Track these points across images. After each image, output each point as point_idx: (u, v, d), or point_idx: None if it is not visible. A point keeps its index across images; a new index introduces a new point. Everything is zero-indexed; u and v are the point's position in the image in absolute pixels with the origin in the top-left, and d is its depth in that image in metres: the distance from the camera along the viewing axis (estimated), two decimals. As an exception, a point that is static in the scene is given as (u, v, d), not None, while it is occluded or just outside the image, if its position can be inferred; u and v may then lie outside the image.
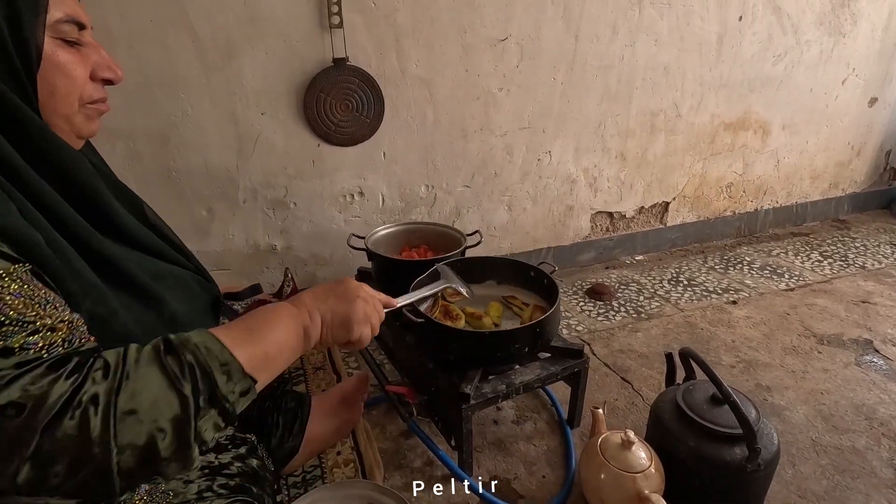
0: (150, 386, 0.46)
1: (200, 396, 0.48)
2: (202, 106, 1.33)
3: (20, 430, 0.41)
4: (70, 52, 0.56)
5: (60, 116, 0.58)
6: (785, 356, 1.43)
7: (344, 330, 0.65)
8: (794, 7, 1.93)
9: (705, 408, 0.92)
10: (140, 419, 0.44)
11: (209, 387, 0.49)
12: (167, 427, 0.46)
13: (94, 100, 0.60)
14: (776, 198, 2.33)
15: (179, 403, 0.46)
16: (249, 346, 0.53)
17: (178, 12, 1.23)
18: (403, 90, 1.50)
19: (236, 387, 0.51)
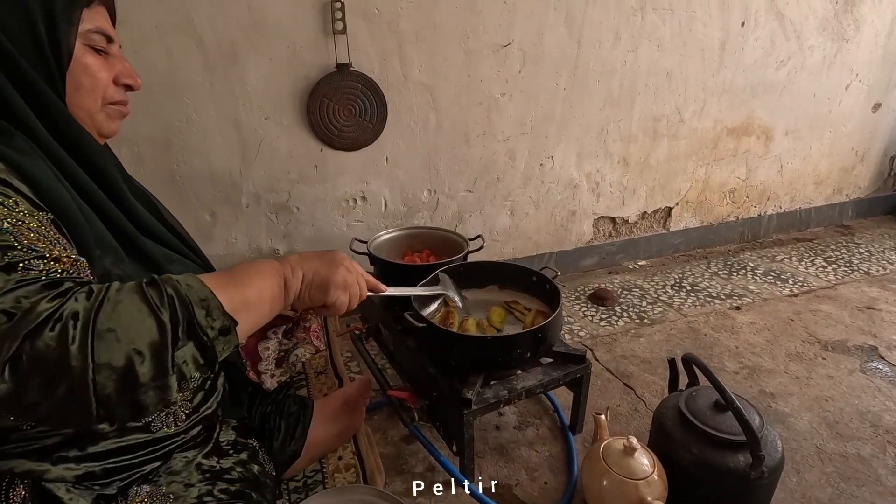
0: (129, 309, 0.47)
1: (179, 326, 0.49)
2: (206, 111, 1.34)
3: (3, 336, 0.42)
4: (97, 58, 0.65)
5: (84, 110, 0.65)
6: (789, 362, 1.42)
7: (321, 291, 0.67)
8: (797, 13, 1.93)
9: (708, 414, 0.92)
10: (118, 338, 0.45)
11: (187, 318, 0.50)
12: (145, 351, 0.46)
13: (115, 101, 0.68)
14: (780, 203, 2.32)
15: (158, 329, 0.47)
16: (230, 289, 0.55)
17: (183, 19, 1.24)
18: (406, 95, 1.51)
19: (215, 322, 0.52)
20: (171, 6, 1.23)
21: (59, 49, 0.60)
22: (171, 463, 0.70)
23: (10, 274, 0.46)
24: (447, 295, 1.06)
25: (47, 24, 0.58)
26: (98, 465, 0.63)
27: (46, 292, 0.46)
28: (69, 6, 0.61)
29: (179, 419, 0.71)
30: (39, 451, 0.59)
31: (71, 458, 0.61)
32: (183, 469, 0.71)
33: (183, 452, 0.72)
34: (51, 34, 0.59)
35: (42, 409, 0.44)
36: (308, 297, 0.66)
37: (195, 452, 0.74)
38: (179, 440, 0.72)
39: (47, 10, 0.58)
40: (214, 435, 0.79)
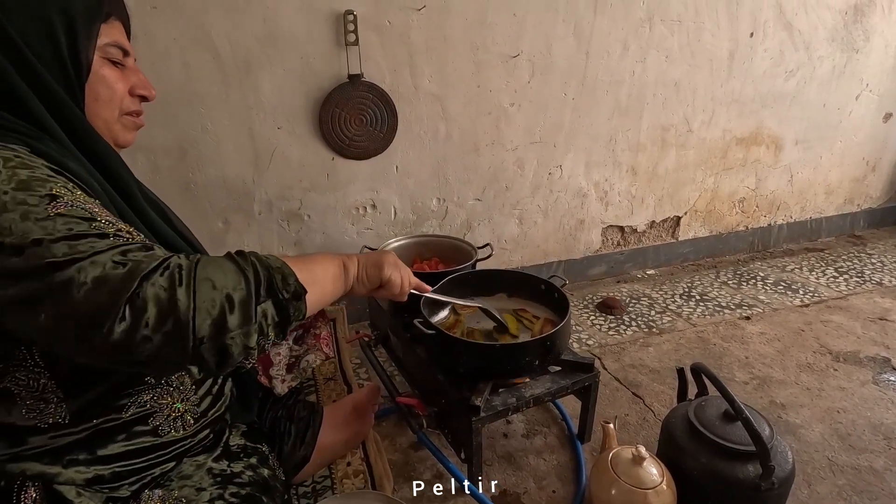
0: (222, 266, 0.55)
1: (260, 285, 0.56)
2: (221, 121, 1.37)
3: (123, 279, 0.49)
4: (113, 70, 0.68)
5: (102, 121, 0.68)
6: (800, 373, 1.41)
7: (377, 269, 0.78)
8: (806, 24, 1.94)
9: (718, 424, 0.91)
10: (214, 286, 0.53)
11: (267, 279, 0.57)
12: (235, 302, 0.54)
13: (130, 111, 0.71)
14: (790, 213, 2.31)
15: (244, 283, 0.55)
16: (299, 264, 0.63)
17: (200, 32, 1.28)
18: (416, 105, 1.53)
19: (290, 287, 0.59)
20: (189, 20, 1.26)
21: (79, 62, 0.63)
22: (183, 467, 0.71)
23: (104, 239, 0.52)
24: (487, 310, 1.08)
25: (68, 39, 0.61)
26: (107, 468, 0.64)
27: (147, 250, 0.53)
28: (88, 21, 0.63)
29: (187, 423, 0.72)
30: (51, 452, 0.61)
31: (81, 461, 0.63)
32: (194, 473, 0.72)
33: (193, 457, 0.73)
34: (71, 48, 0.62)
35: (150, 345, 0.49)
36: (366, 276, 0.76)
37: (206, 457, 0.74)
38: (187, 444, 0.73)
39: (68, 25, 0.61)
40: (223, 439, 0.80)
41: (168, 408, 0.69)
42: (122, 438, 0.65)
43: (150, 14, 1.22)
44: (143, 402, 0.67)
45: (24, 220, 0.49)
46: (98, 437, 0.63)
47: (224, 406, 0.79)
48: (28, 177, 0.52)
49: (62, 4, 0.60)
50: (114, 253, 0.50)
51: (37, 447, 0.60)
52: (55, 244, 0.49)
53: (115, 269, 0.49)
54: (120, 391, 0.64)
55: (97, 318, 0.48)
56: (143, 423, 0.67)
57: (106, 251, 0.50)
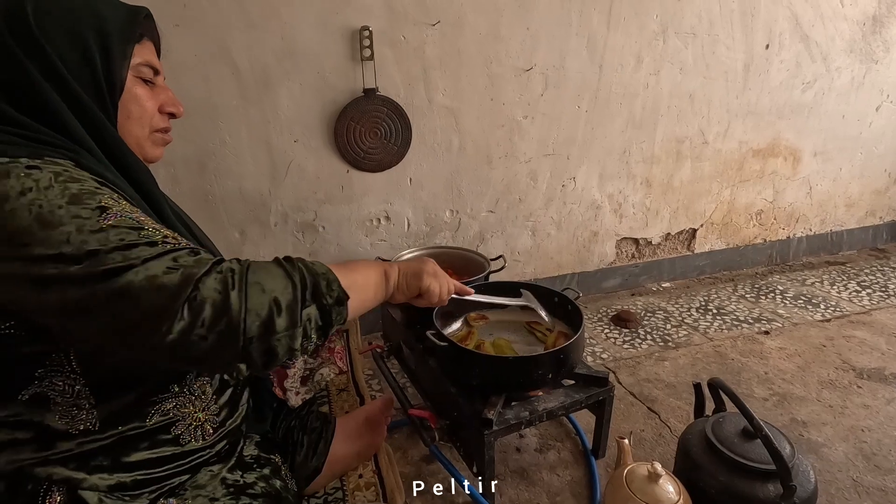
0: (270, 271, 0.58)
1: (306, 290, 0.59)
2: (239, 135, 1.40)
3: (179, 283, 0.52)
4: (144, 88, 0.71)
5: (133, 137, 0.71)
6: (822, 390, 1.37)
7: (416, 279, 0.80)
8: (823, 35, 1.92)
9: (736, 441, 0.89)
10: (263, 290, 0.56)
11: (313, 284, 0.60)
12: (283, 305, 0.56)
13: (160, 128, 0.74)
14: (809, 225, 2.27)
15: (291, 288, 0.58)
16: (343, 271, 0.65)
17: (219, 48, 1.31)
18: (430, 118, 1.54)
19: (333, 293, 0.62)
20: (210, 36, 1.30)
21: (113, 81, 0.66)
22: (197, 477, 0.72)
23: (154, 247, 0.54)
24: (531, 307, 1.11)
25: (103, 59, 0.64)
26: (129, 475, 0.65)
27: (194, 254, 0.56)
28: (123, 42, 0.66)
29: (207, 433, 0.73)
30: (78, 458, 0.62)
31: (105, 468, 0.63)
32: (208, 483, 0.72)
33: (208, 467, 0.74)
34: (106, 68, 0.65)
35: (205, 343, 0.52)
36: (406, 285, 0.79)
37: (220, 467, 0.75)
38: (206, 454, 0.73)
39: (104, 46, 0.64)
40: (238, 449, 0.81)
41: (189, 417, 0.70)
42: (145, 446, 0.66)
43: (173, 31, 1.26)
44: (167, 410, 0.68)
45: (79, 232, 0.52)
46: (123, 444, 0.64)
47: (241, 417, 0.80)
48: (79, 190, 0.55)
49: (98, 27, 0.64)
50: (166, 259, 0.54)
51: (64, 452, 0.61)
52: (110, 254, 0.52)
53: (169, 273, 0.52)
54: (148, 398, 0.66)
55: (156, 320, 0.51)
56: (165, 431, 0.68)
57: (157, 257, 0.53)
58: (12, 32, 0.59)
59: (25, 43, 0.59)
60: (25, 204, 0.52)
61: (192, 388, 0.71)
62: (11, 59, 0.59)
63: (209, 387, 0.74)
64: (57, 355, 0.59)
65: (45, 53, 0.60)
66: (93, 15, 0.64)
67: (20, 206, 0.52)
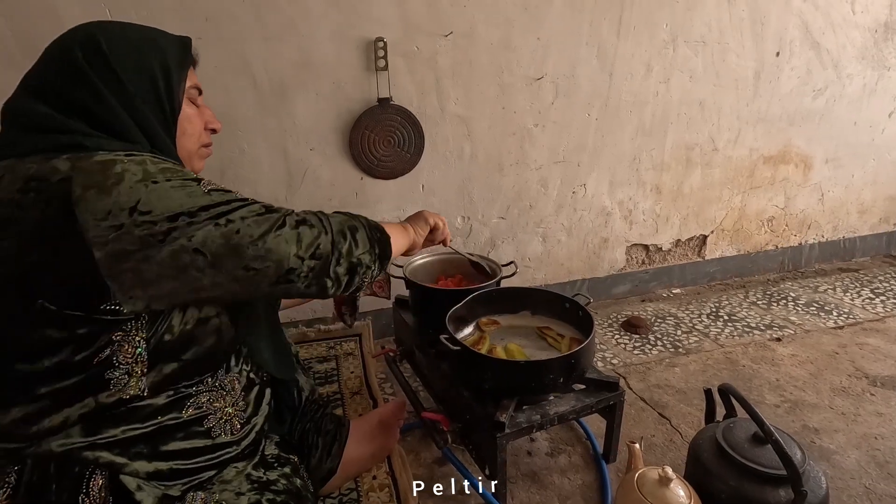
0: (339, 216, 0.77)
1: (367, 227, 0.79)
2: (257, 143, 1.44)
3: (277, 217, 0.68)
4: (193, 108, 0.81)
5: (185, 151, 0.81)
6: (834, 397, 1.37)
7: (423, 222, 1.04)
8: (834, 43, 1.93)
9: (747, 447, 0.90)
10: (342, 223, 0.75)
11: (369, 224, 0.80)
12: (357, 235, 0.76)
13: (205, 143, 0.86)
14: (821, 232, 2.26)
15: (359, 225, 0.78)
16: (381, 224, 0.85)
17: (239, 60, 1.35)
18: (443, 127, 1.57)
19: (382, 235, 0.81)
20: (230, 48, 1.34)
21: (174, 102, 0.75)
22: (223, 473, 0.76)
23: (245, 200, 0.68)
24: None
25: (165, 84, 0.74)
26: (166, 464, 0.70)
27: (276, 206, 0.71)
28: (180, 68, 0.77)
29: (235, 428, 0.78)
30: (121, 444, 0.67)
31: (145, 455, 0.69)
32: (234, 479, 0.76)
33: (234, 463, 0.77)
34: (168, 91, 0.74)
35: (303, 264, 0.68)
36: (420, 230, 1.02)
37: (244, 464, 0.79)
38: (233, 451, 0.77)
39: (165, 73, 0.74)
40: (260, 448, 0.84)
41: (220, 411, 0.76)
42: (181, 436, 0.72)
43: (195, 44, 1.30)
44: (201, 403, 0.74)
45: (189, 197, 0.64)
46: (161, 433, 0.70)
47: (264, 416, 0.84)
48: (175, 170, 0.67)
49: (161, 58, 0.73)
50: (258, 206, 0.68)
51: (109, 437, 0.66)
52: (216, 207, 0.65)
53: (266, 212, 0.67)
54: (189, 371, 0.74)
55: (263, 248, 0.64)
56: (198, 423, 0.74)
57: (253, 204, 0.68)
58: (89, 63, 0.68)
59: (101, 72, 0.68)
60: (140, 181, 0.62)
61: (223, 383, 0.77)
62: (89, 85, 0.67)
63: (238, 384, 0.79)
64: (132, 322, 0.67)
65: (119, 80, 0.69)
66: (155, 47, 0.73)
67: (137, 183, 0.62)
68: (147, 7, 1.25)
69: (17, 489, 0.61)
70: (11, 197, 0.60)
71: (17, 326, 0.62)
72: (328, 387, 1.42)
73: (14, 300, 0.61)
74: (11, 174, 0.62)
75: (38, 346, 0.62)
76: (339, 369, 1.50)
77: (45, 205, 0.59)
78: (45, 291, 0.60)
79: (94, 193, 0.60)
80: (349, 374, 1.48)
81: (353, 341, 1.64)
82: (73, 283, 0.61)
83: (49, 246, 0.60)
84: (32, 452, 0.63)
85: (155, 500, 0.67)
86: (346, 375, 1.47)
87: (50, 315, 0.61)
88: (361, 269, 0.74)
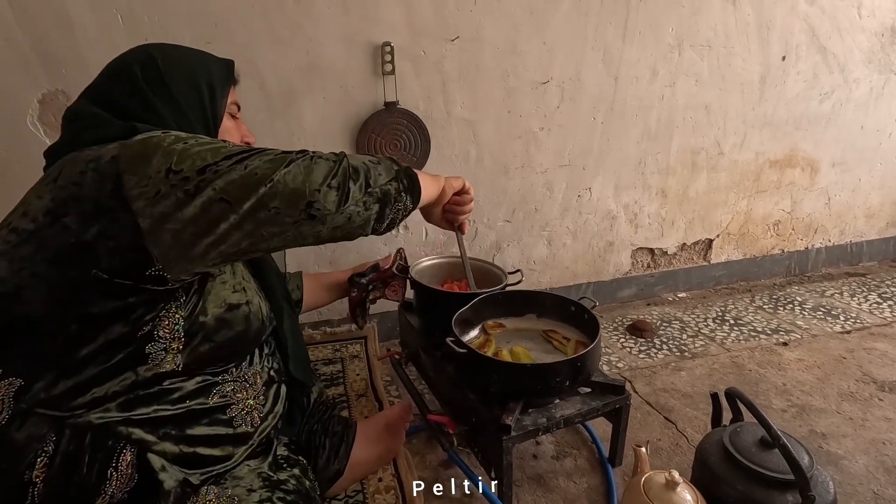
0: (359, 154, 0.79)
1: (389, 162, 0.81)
2: (265, 145, 1.44)
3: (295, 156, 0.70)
4: (232, 122, 0.90)
5: None
6: (842, 402, 1.36)
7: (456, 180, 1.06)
8: (841, 47, 1.92)
9: (754, 451, 0.90)
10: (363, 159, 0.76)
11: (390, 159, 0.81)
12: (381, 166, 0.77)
13: None
14: (828, 236, 2.25)
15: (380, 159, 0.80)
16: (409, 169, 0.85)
17: (248, 64, 1.37)
18: (448, 130, 1.58)
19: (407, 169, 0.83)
20: (238, 52, 1.34)
21: (217, 114, 0.84)
22: (236, 470, 0.79)
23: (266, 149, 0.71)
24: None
25: (210, 100, 0.83)
26: (190, 448, 0.74)
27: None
28: (223, 86, 0.86)
29: (254, 421, 0.82)
30: (152, 422, 0.71)
31: (172, 437, 0.73)
32: (246, 475, 0.79)
33: (247, 461, 0.80)
34: (212, 106, 0.84)
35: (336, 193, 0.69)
36: (452, 182, 1.04)
37: (257, 462, 0.81)
38: (249, 446, 0.81)
39: (211, 90, 0.84)
40: (273, 448, 0.86)
41: (242, 402, 0.81)
42: (205, 422, 0.76)
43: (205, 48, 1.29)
44: (225, 392, 0.79)
45: (217, 151, 0.68)
46: (188, 417, 0.75)
47: (279, 415, 0.88)
48: (203, 137, 0.72)
49: (208, 76, 0.83)
50: (279, 150, 0.71)
51: (142, 415, 0.71)
52: (238, 154, 0.68)
53: (283, 153, 0.70)
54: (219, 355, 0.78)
55: (290, 185, 0.66)
56: (222, 412, 0.78)
57: (271, 150, 0.71)
58: (146, 80, 0.77)
59: (156, 87, 0.77)
60: (172, 143, 0.68)
61: (246, 375, 0.82)
62: (145, 100, 0.77)
63: (259, 379, 0.85)
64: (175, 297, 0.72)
65: (170, 93, 0.78)
66: (203, 67, 0.83)
67: (170, 146, 0.68)
68: (160, 12, 1.27)
69: (53, 458, 0.65)
70: (74, 180, 0.68)
71: (72, 299, 0.67)
72: (334, 389, 1.42)
73: (72, 273, 0.67)
74: (73, 162, 0.70)
75: (90, 320, 0.68)
76: (344, 371, 1.51)
77: (101, 182, 0.67)
78: (100, 263, 0.66)
79: (136, 163, 0.67)
80: (355, 377, 1.48)
81: (358, 343, 1.65)
82: (123, 253, 0.67)
83: (105, 218, 0.66)
84: (73, 423, 0.67)
85: (175, 483, 0.70)
86: (352, 378, 1.48)
87: (102, 284, 0.67)
88: (390, 199, 0.75)
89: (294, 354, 0.96)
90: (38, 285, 0.67)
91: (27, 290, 0.67)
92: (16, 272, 0.67)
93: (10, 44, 1.21)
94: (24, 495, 0.64)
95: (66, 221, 0.66)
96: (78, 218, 0.66)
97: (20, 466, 0.64)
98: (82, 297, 0.67)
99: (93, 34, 1.24)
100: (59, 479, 0.65)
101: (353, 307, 1.26)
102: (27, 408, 0.66)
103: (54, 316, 0.67)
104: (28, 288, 0.67)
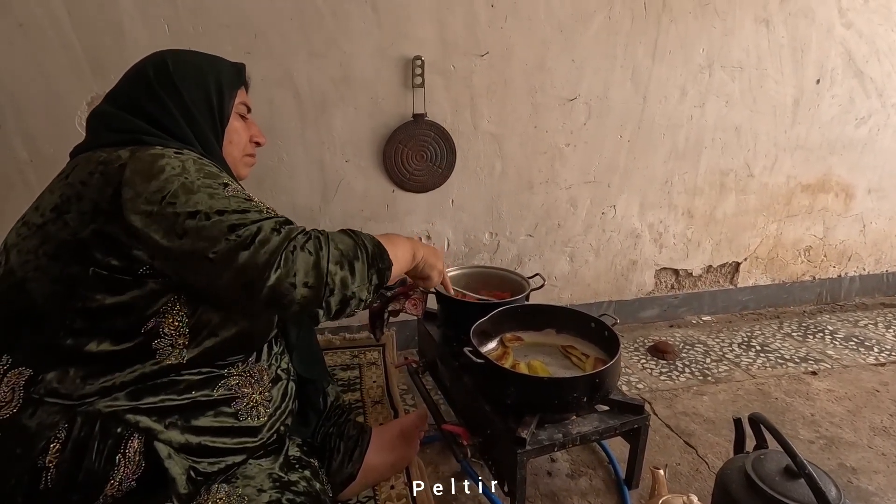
0: (345, 241, 0.77)
1: (369, 257, 0.78)
2: (296, 153, 1.49)
3: (281, 241, 0.69)
4: (240, 122, 0.93)
5: (231, 158, 0.91)
6: (874, 436, 1.30)
7: (431, 269, 1.00)
8: (879, 71, 1.88)
9: (778, 480, 0.87)
10: (343, 254, 0.74)
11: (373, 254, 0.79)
12: (356, 266, 0.75)
13: (249, 153, 0.96)
14: (863, 265, 2.18)
15: (361, 255, 0.77)
16: (387, 244, 0.83)
17: (284, 73, 1.42)
18: (475, 144, 1.60)
19: (385, 261, 0.81)
20: (276, 63, 1.41)
21: (223, 114, 0.87)
22: (247, 468, 0.79)
23: (261, 214, 0.72)
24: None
25: (218, 99, 0.86)
26: (196, 438, 0.75)
27: (289, 223, 0.74)
28: (232, 87, 0.89)
29: (261, 415, 0.83)
30: (159, 411, 0.73)
31: (178, 426, 0.74)
32: (256, 475, 0.79)
33: (258, 460, 0.80)
34: (219, 105, 0.86)
35: (295, 291, 0.68)
36: (425, 266, 0.98)
37: (268, 461, 0.81)
38: (256, 441, 0.81)
39: (219, 90, 0.86)
40: (284, 448, 0.87)
41: (247, 397, 0.82)
42: (210, 414, 0.78)
43: (244, 58, 1.36)
44: (231, 386, 0.80)
45: (211, 198, 0.70)
46: (194, 407, 0.76)
47: (288, 411, 0.88)
48: (209, 171, 0.74)
49: (216, 77, 0.87)
50: (271, 223, 0.70)
51: (150, 404, 0.73)
52: (232, 214, 0.69)
53: (274, 234, 0.69)
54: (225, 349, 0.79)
55: (260, 267, 0.66)
56: (227, 405, 0.79)
57: (265, 220, 0.70)
58: (158, 81, 0.81)
59: (167, 87, 0.81)
60: (176, 176, 0.70)
61: (252, 370, 0.83)
62: (157, 98, 0.80)
63: (266, 376, 0.85)
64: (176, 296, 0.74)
65: (180, 94, 0.82)
66: (212, 69, 0.87)
67: (173, 177, 0.70)
68: (203, 23, 1.34)
69: (65, 444, 0.68)
70: (82, 179, 0.72)
71: (77, 292, 0.70)
72: (350, 394, 1.44)
73: (73, 267, 0.70)
74: (86, 161, 0.74)
75: (92, 314, 0.70)
76: (361, 378, 1.52)
77: (105, 185, 0.70)
78: (96, 260, 0.69)
79: (139, 178, 0.70)
80: (371, 384, 1.49)
81: (376, 350, 1.66)
82: (115, 254, 0.70)
83: (102, 219, 0.69)
84: (84, 410, 0.70)
85: (182, 471, 0.71)
86: (369, 384, 1.49)
87: (102, 280, 0.70)
88: (354, 301, 0.74)
89: (300, 350, 0.97)
90: (41, 279, 0.70)
91: (31, 282, 0.70)
92: (22, 265, 0.71)
93: (66, 49, 1.28)
94: (37, 480, 0.66)
95: (67, 218, 0.70)
96: (77, 216, 0.70)
97: (33, 452, 0.67)
98: (82, 291, 0.70)
99: (142, 43, 1.31)
100: (71, 465, 0.67)
101: (372, 318, 1.27)
102: (39, 397, 0.69)
103: (56, 309, 0.70)
104: (31, 281, 0.70)
